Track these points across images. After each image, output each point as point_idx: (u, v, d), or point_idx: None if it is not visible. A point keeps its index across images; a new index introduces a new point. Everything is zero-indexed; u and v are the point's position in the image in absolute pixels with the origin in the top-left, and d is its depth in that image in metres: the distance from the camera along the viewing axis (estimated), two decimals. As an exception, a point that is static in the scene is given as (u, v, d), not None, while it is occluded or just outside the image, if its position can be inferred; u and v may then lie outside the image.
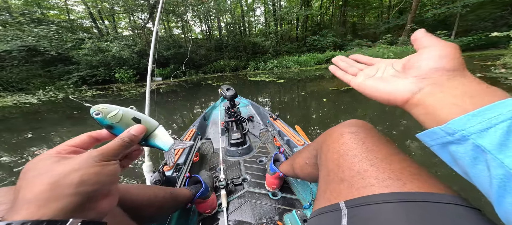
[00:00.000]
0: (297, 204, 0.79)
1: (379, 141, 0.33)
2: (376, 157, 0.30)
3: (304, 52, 14.84)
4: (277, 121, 1.37)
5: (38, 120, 4.29)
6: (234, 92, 1.23)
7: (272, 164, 0.82)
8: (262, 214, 0.75)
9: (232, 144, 1.15)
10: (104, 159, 0.24)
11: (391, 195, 0.24)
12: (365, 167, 0.29)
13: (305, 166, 0.53)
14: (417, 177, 0.26)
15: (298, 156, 0.59)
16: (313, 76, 7.82)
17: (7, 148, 2.67)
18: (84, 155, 0.23)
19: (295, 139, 1.03)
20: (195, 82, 9.78)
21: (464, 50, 11.06)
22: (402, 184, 0.25)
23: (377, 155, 0.30)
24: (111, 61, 11.66)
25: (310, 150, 0.51)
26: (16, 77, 9.96)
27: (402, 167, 0.27)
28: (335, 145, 0.36)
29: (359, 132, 0.35)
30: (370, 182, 0.27)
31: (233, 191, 0.87)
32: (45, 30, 10.79)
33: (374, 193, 0.25)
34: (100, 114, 0.28)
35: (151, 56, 1.02)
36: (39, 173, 0.21)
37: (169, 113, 4.14)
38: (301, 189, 0.84)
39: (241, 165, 1.04)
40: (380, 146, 0.32)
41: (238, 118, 1.26)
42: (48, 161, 0.22)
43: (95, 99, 6.64)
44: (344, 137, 0.36)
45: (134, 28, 15.74)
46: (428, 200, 0.22)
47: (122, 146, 0.27)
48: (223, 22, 18.88)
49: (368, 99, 2.42)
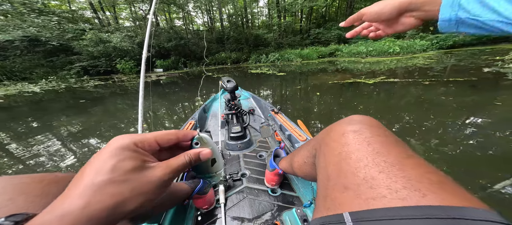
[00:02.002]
0: (297, 201, 0.76)
1: (388, 141, 0.28)
2: (385, 161, 0.25)
3: (307, 45, 14.56)
4: (278, 114, 1.33)
5: (42, 108, 4.32)
6: (235, 84, 1.19)
7: (272, 160, 0.78)
8: (260, 210, 0.72)
9: (232, 137, 1.12)
10: (167, 184, 0.24)
11: (409, 209, 0.20)
12: (373, 173, 0.24)
13: (303, 165, 0.49)
14: (440, 186, 0.21)
15: (296, 154, 0.55)
16: (315, 69, 7.71)
17: (14, 136, 2.70)
18: (157, 175, 0.23)
19: (297, 134, 1.00)
20: (195, 74, 9.73)
21: (475, 44, 10.74)
22: (421, 195, 0.20)
23: (387, 159, 0.25)
24: (112, 52, 11.64)
25: (309, 149, 0.46)
26: (19, 66, 10.02)
27: (419, 174, 0.23)
28: (335, 146, 0.31)
29: (364, 130, 0.30)
30: (381, 192, 0.22)
31: (232, 186, 0.84)
32: (46, 21, 10.75)
33: (387, 206, 0.21)
34: (198, 144, 0.30)
35: (146, 44, 0.97)
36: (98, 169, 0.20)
37: (170, 103, 4.13)
38: (302, 187, 0.81)
39: (241, 160, 1.01)
40: (389, 147, 0.27)
41: (238, 110, 1.22)
42: (120, 155, 0.21)
43: (97, 90, 6.63)
44: (346, 136, 0.31)
45: (135, 19, 15.54)
46: (456, 216, 0.18)
47: (186, 165, 0.26)
48: (225, 14, 18.51)
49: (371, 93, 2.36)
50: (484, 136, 1.76)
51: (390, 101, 3.11)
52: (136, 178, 0.21)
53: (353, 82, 4.57)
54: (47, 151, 2.19)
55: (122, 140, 0.22)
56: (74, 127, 2.97)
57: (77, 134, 2.66)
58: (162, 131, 0.27)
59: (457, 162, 1.48)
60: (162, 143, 0.26)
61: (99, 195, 0.18)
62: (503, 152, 1.53)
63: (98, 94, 5.77)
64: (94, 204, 0.18)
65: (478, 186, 1.22)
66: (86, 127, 2.92)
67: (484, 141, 1.68)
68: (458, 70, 4.77)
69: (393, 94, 3.46)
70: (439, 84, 3.67)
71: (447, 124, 2.08)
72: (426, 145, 1.73)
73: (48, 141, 2.47)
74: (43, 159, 2.02)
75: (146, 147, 0.24)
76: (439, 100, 2.80)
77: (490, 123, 2.00)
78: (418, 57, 8.51)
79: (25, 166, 1.92)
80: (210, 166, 0.32)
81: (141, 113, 0.87)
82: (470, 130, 1.91)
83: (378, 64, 7.34)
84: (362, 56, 10.93)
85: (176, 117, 3.32)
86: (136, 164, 0.21)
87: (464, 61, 6.04)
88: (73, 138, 2.55)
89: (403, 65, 6.53)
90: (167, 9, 16.67)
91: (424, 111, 2.45)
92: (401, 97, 3.21)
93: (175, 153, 0.27)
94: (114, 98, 5.14)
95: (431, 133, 1.93)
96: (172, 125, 2.90)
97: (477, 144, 1.66)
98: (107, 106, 4.27)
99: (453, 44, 10.71)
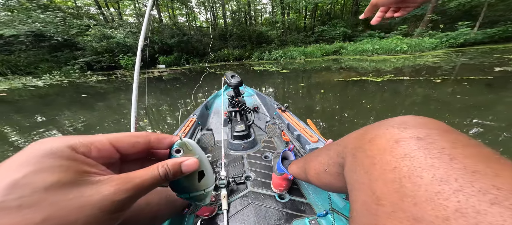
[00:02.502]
0: (308, 209, 0.69)
1: (481, 154, 0.19)
2: (496, 188, 0.16)
3: (311, 43, 14.36)
4: (285, 113, 1.25)
5: (47, 103, 4.33)
6: (239, 80, 1.11)
7: (280, 162, 0.71)
8: (267, 218, 0.65)
9: (235, 136, 1.05)
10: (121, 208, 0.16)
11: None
12: (474, 203, 0.15)
13: (323, 174, 0.40)
14: None
15: (313, 159, 0.47)
16: (319, 67, 7.59)
17: (20, 130, 2.68)
18: (103, 193, 0.15)
19: (308, 135, 0.92)
20: (198, 71, 9.70)
21: (487, 42, 10.41)
22: None
23: (496, 183, 0.16)
24: (115, 48, 11.71)
25: (330, 155, 0.38)
26: (24, 61, 10.13)
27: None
28: (387, 158, 0.22)
29: (435, 138, 0.21)
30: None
31: (235, 190, 0.77)
32: (51, 16, 10.84)
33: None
34: (181, 151, 0.22)
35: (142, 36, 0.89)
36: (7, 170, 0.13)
37: (172, 99, 4.08)
38: (313, 192, 0.74)
39: (245, 160, 0.94)
40: (492, 164, 0.18)
41: (242, 108, 1.15)
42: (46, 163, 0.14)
43: (100, 85, 6.63)
44: (403, 145, 0.22)
45: (139, 15, 15.54)
46: None
47: (158, 179, 0.18)
48: (228, 10, 18.35)
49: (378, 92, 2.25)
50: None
51: (401, 100, 2.99)
52: (58, 200, 0.13)
53: (359, 80, 4.44)
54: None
55: (49, 143, 0.15)
56: (78, 121, 2.94)
57: (80, 128, 2.63)
58: (124, 132, 0.19)
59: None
60: (122, 148, 0.18)
61: None
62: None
63: (102, 90, 5.76)
64: None
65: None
66: (89, 121, 2.89)
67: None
68: (470, 69, 4.60)
69: (402, 93, 3.33)
70: (451, 83, 3.52)
71: (465, 124, 1.96)
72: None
73: (51, 134, 2.44)
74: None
75: (94, 153, 0.17)
76: (453, 99, 2.67)
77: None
78: (427, 55, 8.29)
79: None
80: (196, 182, 0.23)
81: (135, 106, 0.80)
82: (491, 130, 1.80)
83: (384, 63, 7.16)
84: (367, 54, 10.70)
85: (178, 113, 3.26)
86: (64, 177, 0.14)
87: (475, 60, 5.84)
88: (77, 132, 2.52)
89: (411, 64, 6.34)
90: (171, 5, 16.60)
91: (438, 111, 2.33)
92: (411, 96, 3.08)
93: (145, 164, 0.19)
94: (117, 94, 5.12)
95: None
96: (174, 121, 2.84)
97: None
98: (111, 102, 4.25)
99: (463, 42, 10.38)
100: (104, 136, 0.18)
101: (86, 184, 0.15)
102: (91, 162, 0.16)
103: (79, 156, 0.16)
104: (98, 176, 0.16)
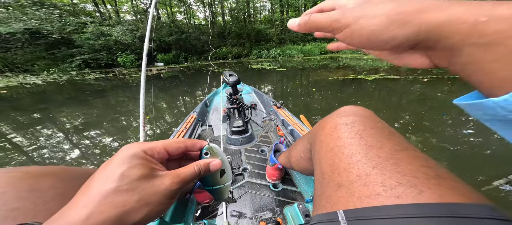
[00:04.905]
0: (299, 197, 0.76)
1: (381, 133, 0.26)
2: (378, 156, 0.23)
3: (310, 41, 14.39)
4: (281, 109, 1.32)
5: (44, 100, 4.34)
6: (237, 78, 1.17)
7: (273, 154, 0.77)
8: (262, 205, 0.72)
9: (234, 131, 1.11)
10: (170, 198, 0.23)
11: (404, 207, 0.18)
12: (366, 169, 0.23)
13: (300, 160, 0.47)
14: (437, 182, 0.19)
15: (293, 149, 0.54)
16: (316, 66, 7.65)
17: (17, 127, 2.71)
18: (165, 184, 0.22)
19: (299, 129, 0.98)
20: (196, 69, 9.70)
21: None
22: (417, 192, 0.19)
23: (380, 153, 0.23)
24: (113, 46, 11.61)
25: (304, 143, 0.45)
26: (21, 58, 10.03)
27: (415, 169, 0.21)
28: (328, 141, 0.29)
29: (356, 123, 0.28)
30: (375, 190, 0.21)
31: (233, 181, 0.84)
32: (47, 13, 10.69)
33: (381, 204, 0.20)
34: (208, 154, 0.29)
35: (147, 36, 0.95)
36: (106, 178, 0.20)
37: (171, 97, 4.12)
38: (303, 182, 0.80)
39: (242, 154, 1.01)
40: (383, 139, 0.25)
41: (240, 105, 1.21)
42: (128, 164, 0.20)
43: (98, 82, 6.63)
44: (338, 129, 0.29)
45: (136, 13, 15.40)
46: (455, 214, 0.16)
47: (195, 175, 0.25)
48: (227, 8, 18.25)
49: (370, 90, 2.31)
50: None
51: (390, 98, 3.08)
52: (144, 187, 0.20)
53: (353, 78, 4.55)
54: (48, 143, 2.20)
55: (132, 148, 0.22)
56: (76, 119, 2.98)
57: (79, 126, 2.67)
58: (170, 138, 0.27)
59: (457, 160, 1.46)
60: (171, 151, 0.25)
61: (103, 205, 0.18)
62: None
63: (100, 87, 5.77)
64: (96, 215, 0.17)
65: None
66: (87, 119, 2.93)
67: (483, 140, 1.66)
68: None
69: (392, 91, 3.42)
70: (438, 82, 3.63)
71: (446, 121, 2.05)
72: (428, 143, 1.71)
73: (49, 132, 2.48)
74: (44, 151, 2.03)
75: (155, 155, 0.23)
76: (440, 98, 2.76)
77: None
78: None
79: (28, 157, 1.93)
80: (218, 178, 0.31)
81: (143, 105, 0.86)
82: (469, 129, 1.89)
83: (381, 61, 7.25)
84: (364, 52, 10.80)
85: (177, 111, 3.31)
86: (145, 172, 0.21)
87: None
88: (75, 130, 2.56)
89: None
90: (169, 3, 16.46)
91: (426, 109, 2.42)
92: (399, 94, 3.18)
93: (182, 163, 0.26)
94: (115, 91, 5.14)
95: (432, 129, 1.90)
96: (173, 119, 2.89)
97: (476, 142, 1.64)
98: (109, 99, 4.27)
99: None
100: (160, 142, 0.25)
101: (155, 177, 0.21)
102: (155, 161, 0.23)
103: (149, 157, 0.22)
104: (160, 171, 0.22)
